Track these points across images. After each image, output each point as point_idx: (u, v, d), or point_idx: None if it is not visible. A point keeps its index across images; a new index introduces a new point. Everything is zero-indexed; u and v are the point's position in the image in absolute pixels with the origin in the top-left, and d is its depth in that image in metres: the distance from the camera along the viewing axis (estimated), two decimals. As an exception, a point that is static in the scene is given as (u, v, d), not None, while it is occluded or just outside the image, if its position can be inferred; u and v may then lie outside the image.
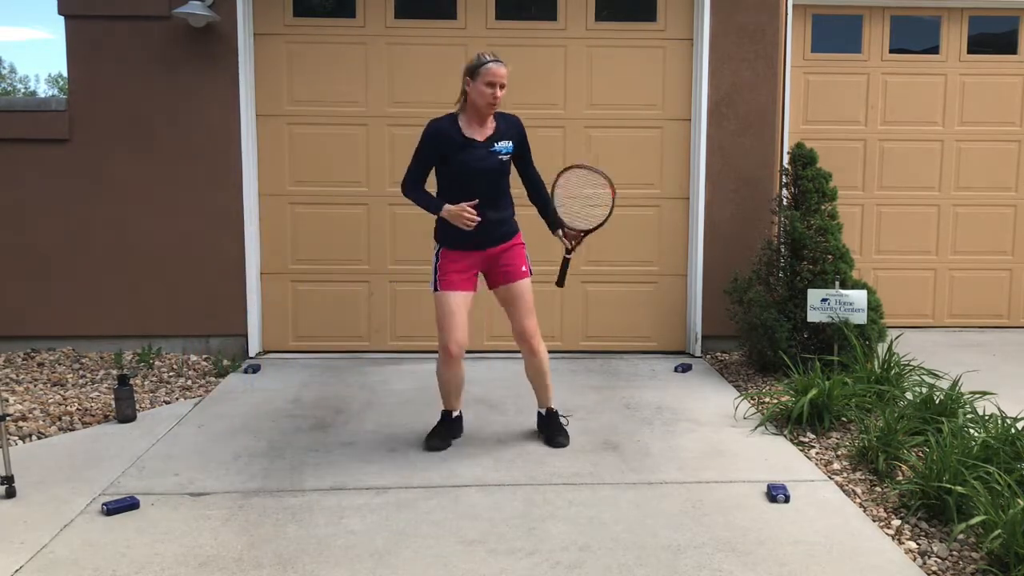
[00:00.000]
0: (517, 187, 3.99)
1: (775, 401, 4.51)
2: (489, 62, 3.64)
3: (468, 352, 5.84)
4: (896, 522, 3.19)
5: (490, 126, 3.77)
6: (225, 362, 5.46)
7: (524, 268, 3.91)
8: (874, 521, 3.21)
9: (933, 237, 6.67)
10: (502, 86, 3.66)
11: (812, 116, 6.52)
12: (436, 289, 3.81)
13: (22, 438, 4.08)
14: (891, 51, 6.52)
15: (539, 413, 4.13)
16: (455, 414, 4.09)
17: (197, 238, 5.61)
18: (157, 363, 5.44)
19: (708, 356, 5.83)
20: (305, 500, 3.35)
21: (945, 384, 4.28)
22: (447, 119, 3.74)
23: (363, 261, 5.81)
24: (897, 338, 5.20)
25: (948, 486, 3.13)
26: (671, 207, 5.85)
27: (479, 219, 3.65)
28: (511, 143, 3.82)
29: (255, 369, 5.33)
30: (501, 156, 3.77)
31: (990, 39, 6.56)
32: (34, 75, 79.35)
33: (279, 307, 5.80)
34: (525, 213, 4.13)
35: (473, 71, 3.65)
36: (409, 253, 5.80)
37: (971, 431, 3.66)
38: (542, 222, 4.02)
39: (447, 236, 3.80)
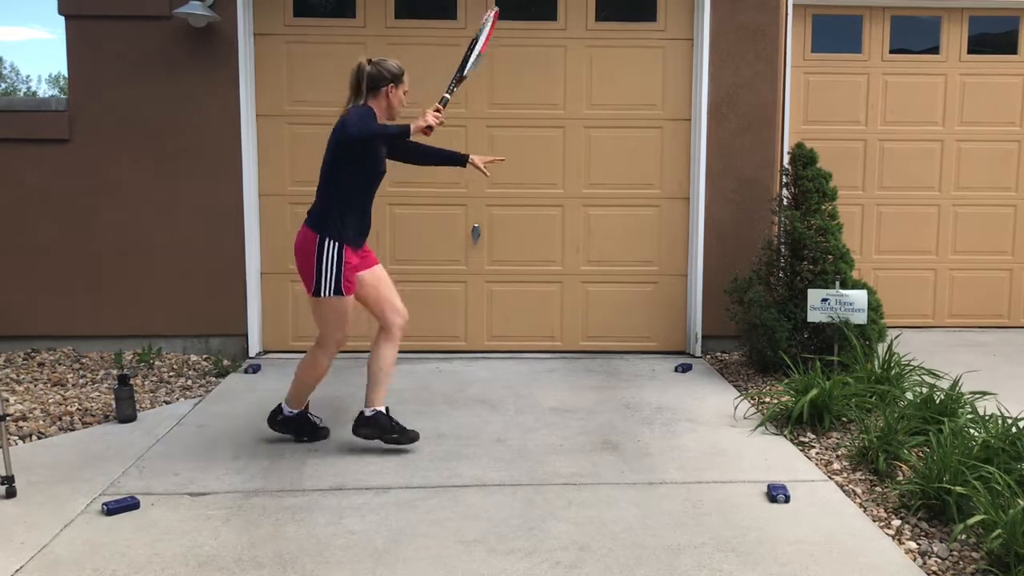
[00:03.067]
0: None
1: (775, 401, 4.51)
2: (403, 71, 3.80)
3: (469, 352, 5.89)
4: (896, 522, 3.19)
5: None
6: (225, 362, 5.46)
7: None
8: (874, 521, 3.20)
9: (933, 237, 6.67)
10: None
11: (812, 116, 6.52)
12: (338, 293, 3.67)
13: (22, 438, 4.08)
14: (891, 51, 6.52)
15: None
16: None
17: (197, 238, 5.61)
18: (157, 363, 5.44)
19: (708, 356, 5.83)
20: (305, 500, 3.35)
21: (945, 384, 4.28)
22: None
23: (363, 261, 5.80)
24: (897, 338, 5.20)
25: (948, 486, 3.13)
26: (671, 207, 5.85)
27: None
28: None
29: (255, 369, 5.33)
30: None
31: (990, 39, 6.56)
32: (36, 75, 79.48)
33: (279, 307, 5.80)
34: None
35: (397, 78, 3.74)
36: (409, 253, 5.80)
37: (971, 431, 3.66)
38: None
39: (347, 230, 3.70)
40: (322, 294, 3.66)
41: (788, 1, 5.78)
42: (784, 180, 5.48)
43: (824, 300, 4.90)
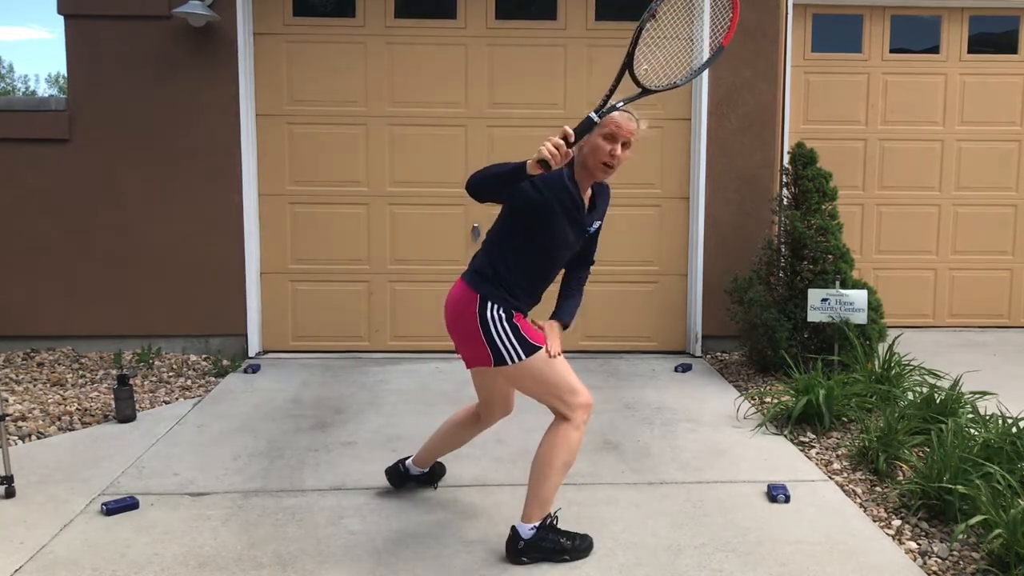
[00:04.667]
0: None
1: (775, 401, 4.51)
2: (614, 109, 2.60)
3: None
4: (896, 522, 3.19)
5: (587, 195, 2.91)
6: (225, 362, 5.46)
7: None
8: (874, 521, 3.20)
9: (933, 237, 6.67)
10: (626, 145, 2.73)
11: (812, 116, 6.51)
12: (531, 350, 2.81)
13: (22, 438, 4.08)
14: (891, 51, 6.51)
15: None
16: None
17: (197, 238, 5.61)
18: (157, 363, 5.44)
19: (708, 356, 5.83)
20: (305, 500, 3.35)
21: (946, 384, 4.28)
22: (567, 171, 2.80)
23: (363, 261, 5.80)
24: (897, 338, 5.20)
25: (949, 486, 3.12)
26: (671, 207, 5.85)
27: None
28: (599, 223, 3.02)
29: (255, 369, 5.33)
30: (588, 234, 3.01)
31: (990, 39, 6.56)
32: (34, 75, 79.47)
33: (279, 307, 5.79)
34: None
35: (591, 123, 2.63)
36: (409, 253, 5.80)
37: (972, 431, 3.65)
38: None
39: (514, 299, 2.85)
40: (510, 360, 2.81)
41: (788, 1, 5.78)
42: (784, 180, 5.48)
43: (824, 300, 4.90)
